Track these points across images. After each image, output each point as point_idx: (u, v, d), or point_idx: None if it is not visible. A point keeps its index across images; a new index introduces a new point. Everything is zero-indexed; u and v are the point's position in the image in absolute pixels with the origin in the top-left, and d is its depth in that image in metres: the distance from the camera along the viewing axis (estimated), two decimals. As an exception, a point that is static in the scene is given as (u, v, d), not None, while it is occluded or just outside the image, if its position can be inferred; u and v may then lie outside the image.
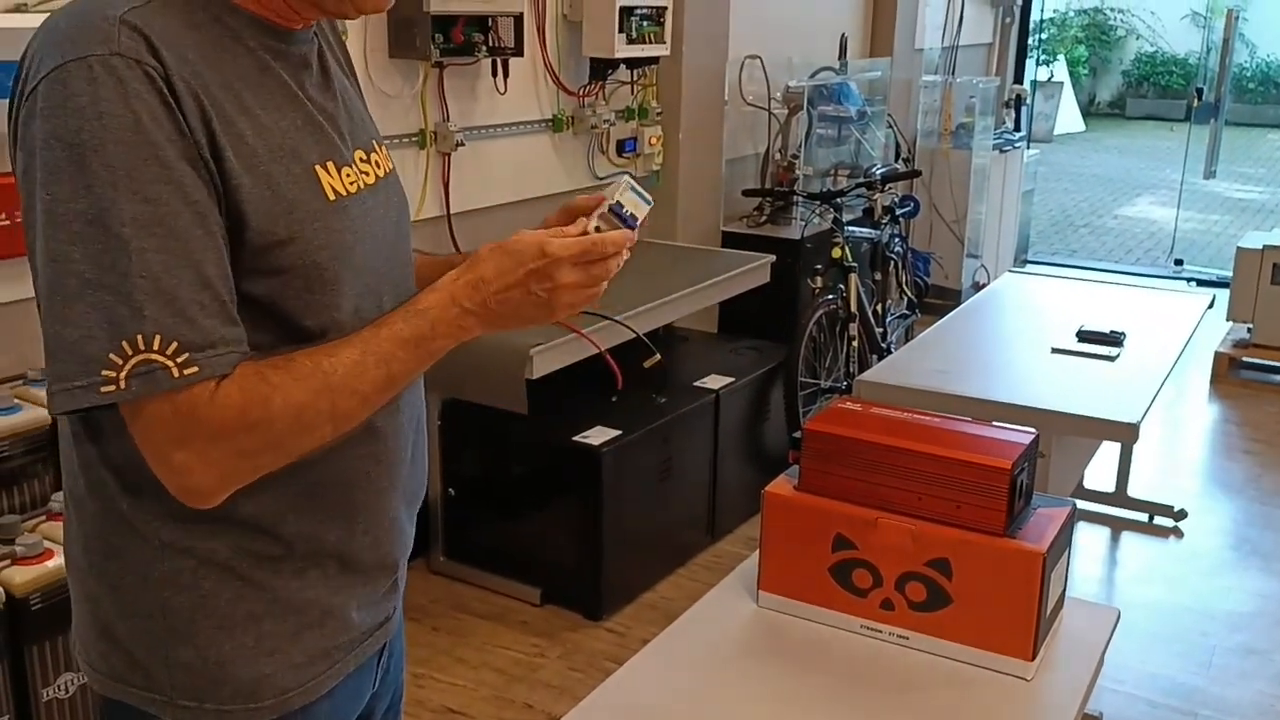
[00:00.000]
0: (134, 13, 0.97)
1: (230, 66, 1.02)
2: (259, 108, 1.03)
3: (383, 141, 1.22)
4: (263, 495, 1.07)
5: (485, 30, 3.19)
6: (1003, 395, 2.71)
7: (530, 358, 2.89)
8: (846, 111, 5.02)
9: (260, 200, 1.00)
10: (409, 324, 1.06)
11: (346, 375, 1.02)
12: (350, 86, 1.21)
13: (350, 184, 1.10)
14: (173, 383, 0.95)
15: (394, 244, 1.18)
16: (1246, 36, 14.21)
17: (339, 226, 1.07)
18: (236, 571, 1.08)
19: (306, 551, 1.11)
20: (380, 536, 1.18)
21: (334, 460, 1.10)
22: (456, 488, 3.28)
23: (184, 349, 0.95)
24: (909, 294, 5.06)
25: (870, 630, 1.51)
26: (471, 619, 3.14)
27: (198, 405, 0.96)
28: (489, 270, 1.08)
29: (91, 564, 1.11)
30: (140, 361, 0.94)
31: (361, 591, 1.18)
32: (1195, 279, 7.16)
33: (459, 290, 1.07)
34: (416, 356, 1.07)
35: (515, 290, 1.07)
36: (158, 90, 0.95)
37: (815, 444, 1.53)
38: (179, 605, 1.08)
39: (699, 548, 3.55)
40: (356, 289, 1.10)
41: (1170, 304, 3.56)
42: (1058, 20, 15.40)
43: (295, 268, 1.03)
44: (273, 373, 1.00)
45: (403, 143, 3.19)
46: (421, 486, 1.29)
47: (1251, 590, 3.43)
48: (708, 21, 4.17)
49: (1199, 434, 4.82)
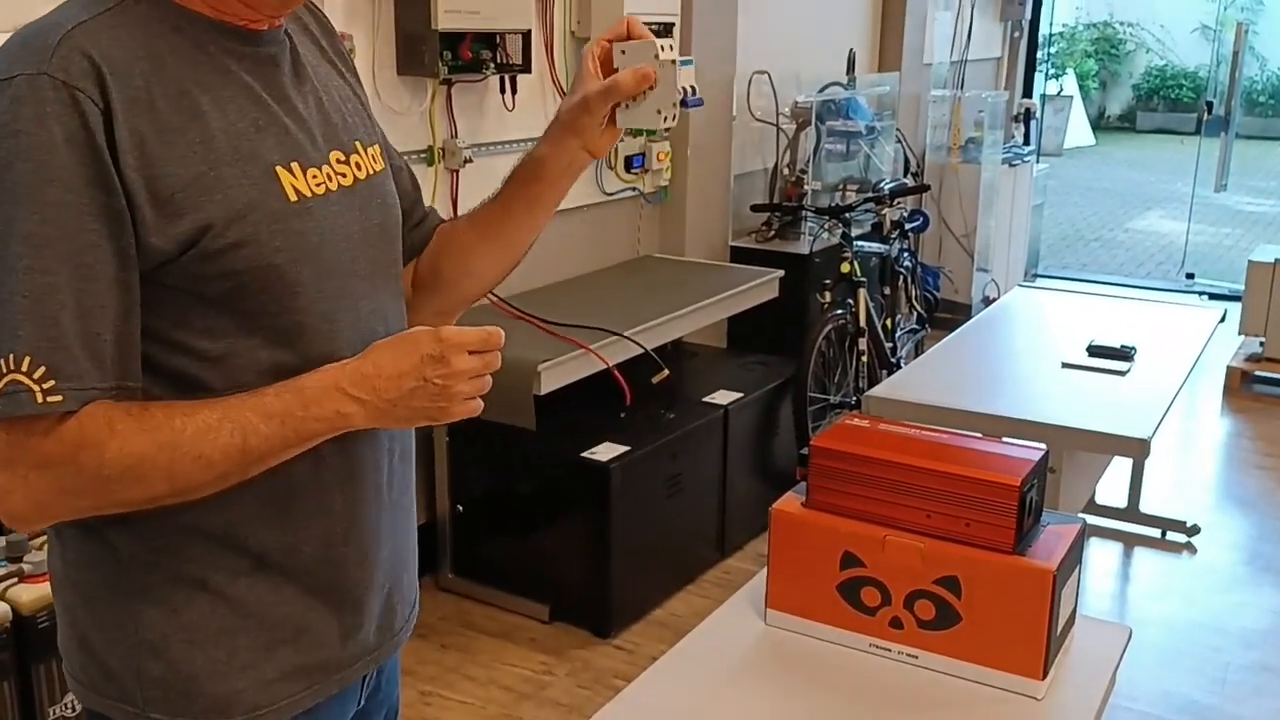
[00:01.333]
0: (81, 29, 0.97)
1: (187, 73, 1.01)
2: (216, 111, 1.02)
3: (373, 143, 1.20)
4: (233, 507, 1.06)
5: (493, 47, 3.20)
6: (1013, 410, 2.70)
7: (539, 373, 2.89)
8: (855, 126, 5.02)
9: (211, 206, 0.99)
10: (280, 398, 1.02)
11: (195, 436, 0.98)
12: (343, 86, 1.20)
13: (318, 185, 1.09)
14: (35, 408, 0.93)
15: (375, 246, 1.16)
16: (1256, 49, 14.18)
17: (301, 228, 1.06)
18: (208, 585, 1.07)
19: (280, 565, 1.10)
20: (362, 547, 1.16)
21: (304, 469, 1.08)
22: (465, 504, 3.28)
23: (51, 375, 0.94)
24: (918, 309, 5.04)
25: (879, 649, 1.50)
26: (480, 636, 3.13)
27: (33, 433, 0.95)
28: (382, 356, 1.04)
29: (69, 576, 1.11)
30: (9, 382, 0.93)
31: (345, 609, 1.16)
32: (1207, 293, 7.13)
33: (345, 376, 1.04)
34: (281, 434, 1.02)
35: (409, 378, 1.03)
36: (81, 113, 0.94)
37: (823, 461, 1.52)
38: (150, 618, 1.07)
39: (708, 564, 3.54)
40: (325, 292, 1.08)
41: (1182, 318, 3.55)
42: (1066, 34, 15.39)
43: (250, 270, 1.02)
44: (122, 419, 0.97)
45: (411, 159, 3.20)
46: (411, 521, 1.27)
47: (1266, 607, 3.40)
48: (715, 37, 4.17)
49: (1211, 449, 4.79)
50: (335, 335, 1.10)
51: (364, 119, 1.22)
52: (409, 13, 3.01)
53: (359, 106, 1.22)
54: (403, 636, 1.28)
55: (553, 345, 2.98)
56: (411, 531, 1.28)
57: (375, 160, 1.19)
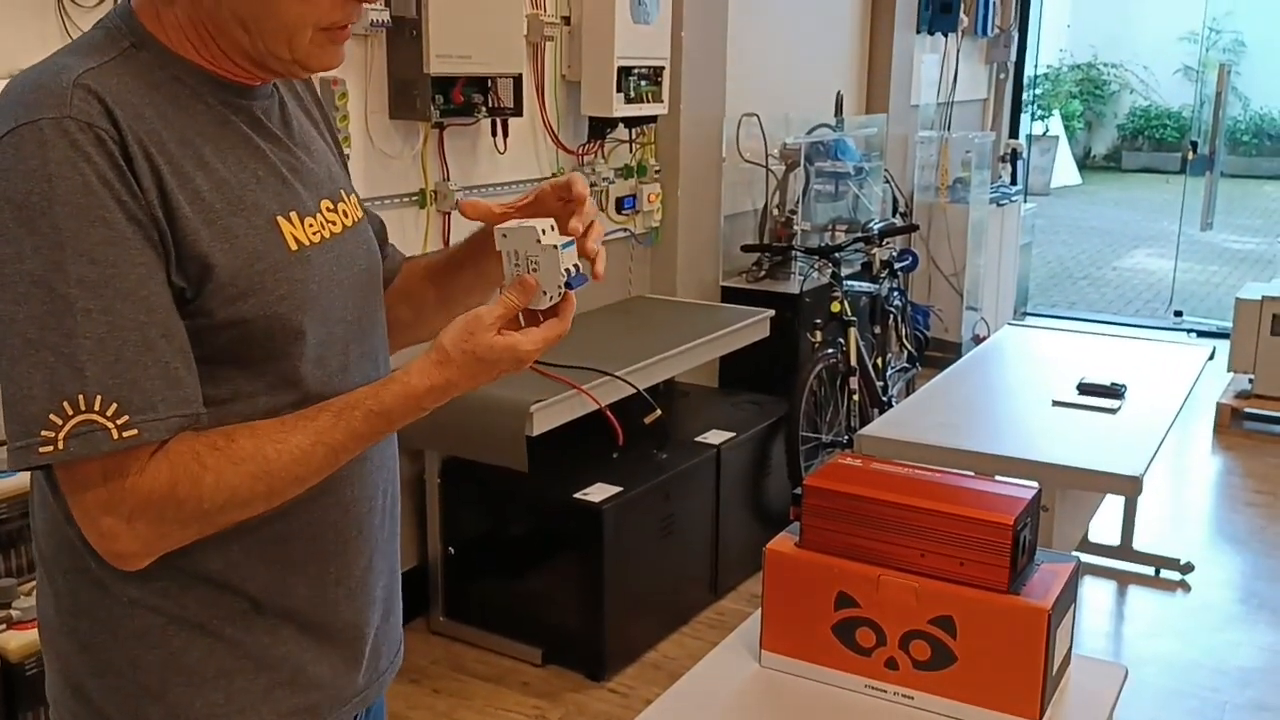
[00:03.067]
0: (90, 74, 0.98)
1: (189, 123, 1.03)
2: (218, 162, 1.04)
3: (351, 191, 1.22)
4: (230, 549, 1.06)
5: (485, 91, 3.23)
6: (1004, 449, 2.70)
7: (530, 415, 2.88)
8: (843, 167, 5.06)
9: (219, 254, 1.01)
10: (367, 422, 1.06)
11: (290, 463, 1.02)
12: (320, 137, 1.22)
13: (314, 234, 1.11)
14: (112, 444, 0.94)
15: (362, 292, 1.18)
16: (1239, 90, 14.36)
17: (302, 276, 1.07)
18: (206, 628, 1.08)
19: (276, 607, 1.10)
20: (354, 588, 1.17)
21: (300, 511, 1.10)
22: (456, 546, 3.26)
23: (124, 410, 0.95)
24: (909, 347, 5.06)
25: (875, 690, 1.49)
26: (472, 680, 3.10)
27: (128, 473, 0.96)
28: (460, 376, 1.07)
29: (62, 622, 1.10)
30: (81, 422, 0.94)
31: (337, 650, 1.16)
32: (1195, 330, 7.17)
33: (427, 396, 1.07)
34: (367, 445, 1.08)
35: (484, 380, 1.09)
36: (108, 153, 0.96)
37: (816, 500, 1.52)
38: (149, 662, 1.07)
39: (702, 605, 3.52)
40: (322, 338, 1.10)
41: (1171, 355, 3.56)
42: (1051, 75, 15.57)
43: (257, 319, 1.04)
44: (209, 454, 0.99)
45: (403, 202, 3.21)
46: (395, 549, 1.28)
47: (1261, 645, 3.39)
48: (705, 80, 4.22)
49: (1203, 486, 4.79)
50: (329, 380, 1.12)
51: (340, 168, 1.24)
52: (401, 58, 3.04)
53: (337, 157, 1.25)
54: (388, 677, 1.28)
55: (545, 385, 2.98)
56: (397, 573, 1.29)
57: (356, 208, 1.22)
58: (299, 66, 1.07)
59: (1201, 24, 14.09)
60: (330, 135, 1.26)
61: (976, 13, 6.67)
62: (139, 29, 1.04)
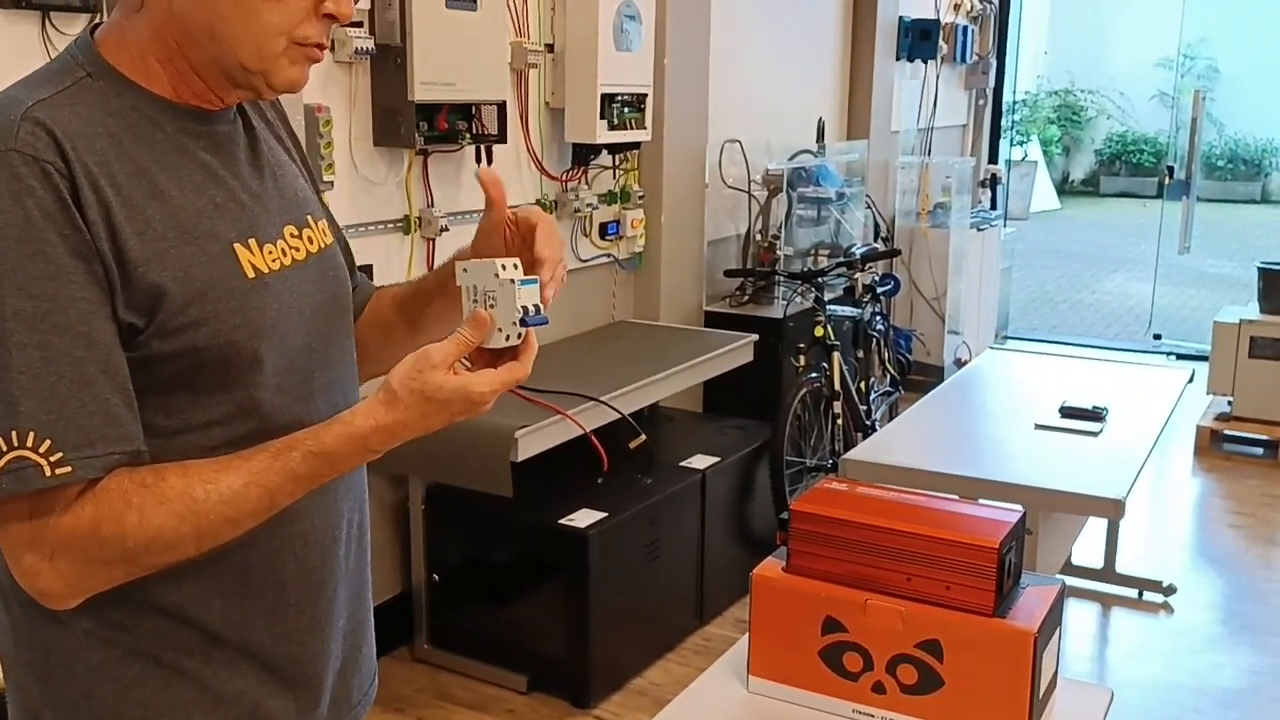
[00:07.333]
0: (40, 106, 0.98)
1: (145, 151, 1.02)
2: (174, 189, 1.03)
3: (321, 217, 1.21)
4: (186, 581, 1.05)
5: (469, 118, 3.24)
6: (988, 473, 2.71)
7: (515, 440, 2.88)
8: (826, 192, 5.09)
9: (171, 284, 1.00)
10: (307, 462, 1.02)
11: (219, 504, 0.99)
12: (289, 163, 1.21)
13: (274, 261, 1.09)
14: (44, 481, 0.93)
15: (326, 319, 1.16)
16: (1214, 115, 14.54)
17: (259, 304, 1.06)
18: (162, 660, 1.06)
19: (235, 640, 1.09)
20: (318, 619, 1.15)
21: (260, 542, 1.08)
22: (440, 573, 3.24)
23: (58, 447, 0.94)
24: (892, 371, 5.08)
25: (862, 715, 1.49)
26: (456, 709, 3.08)
27: (54, 510, 0.95)
28: (409, 416, 1.03)
29: (20, 654, 1.09)
30: (13, 458, 0.93)
31: (298, 686, 1.14)
32: (1174, 353, 7.23)
33: (374, 438, 1.03)
34: (307, 488, 1.04)
35: (437, 425, 1.04)
36: (53, 186, 0.95)
37: (803, 525, 1.52)
38: (104, 695, 1.06)
39: (688, 631, 3.51)
40: (281, 366, 1.09)
41: (1151, 378, 3.59)
42: (1029, 101, 15.74)
43: (210, 347, 1.02)
44: (136, 492, 0.97)
45: (387, 229, 3.21)
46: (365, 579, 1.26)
47: (1244, 666, 3.40)
48: (688, 107, 4.24)
49: (1185, 508, 4.82)
50: (290, 408, 1.10)
51: (311, 193, 1.22)
52: (385, 85, 3.05)
53: (307, 181, 1.23)
54: (360, 711, 1.26)
55: (529, 411, 2.98)
56: (367, 603, 1.27)
57: (324, 234, 1.20)
58: (264, 80, 1.06)
59: (1176, 51, 14.28)
60: (301, 159, 1.25)
61: (955, 40, 6.74)
62: (96, 59, 1.04)
